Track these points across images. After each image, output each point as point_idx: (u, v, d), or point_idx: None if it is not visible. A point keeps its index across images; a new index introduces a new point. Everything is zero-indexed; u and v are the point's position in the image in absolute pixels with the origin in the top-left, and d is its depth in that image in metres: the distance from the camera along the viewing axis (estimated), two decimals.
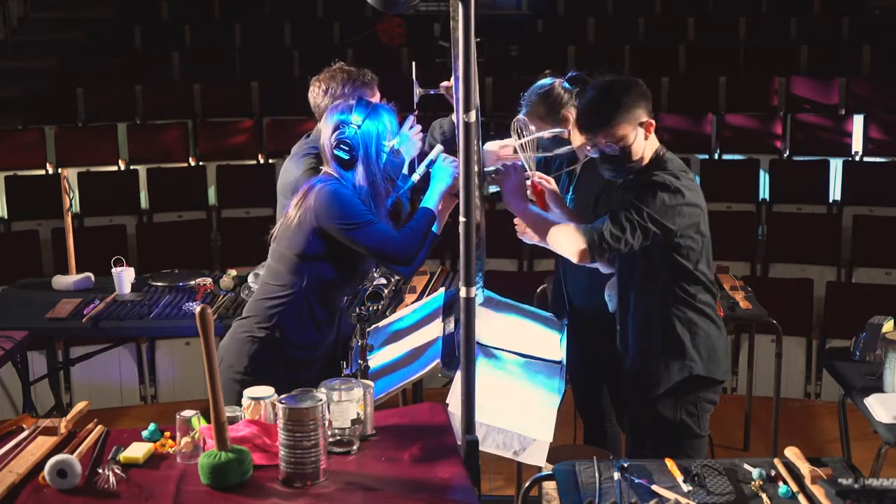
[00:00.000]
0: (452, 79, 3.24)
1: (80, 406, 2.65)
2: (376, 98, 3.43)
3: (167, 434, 2.46)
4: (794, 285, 5.62)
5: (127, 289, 4.19)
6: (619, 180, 3.00)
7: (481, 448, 2.47)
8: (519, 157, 3.49)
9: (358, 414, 2.39)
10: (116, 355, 5.34)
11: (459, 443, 2.44)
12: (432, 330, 3.03)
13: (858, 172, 6.95)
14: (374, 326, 3.34)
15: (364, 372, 2.76)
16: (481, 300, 3.34)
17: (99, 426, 2.54)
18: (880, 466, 3.23)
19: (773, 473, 2.46)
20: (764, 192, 6.97)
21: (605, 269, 3.13)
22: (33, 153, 7.35)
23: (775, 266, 6.14)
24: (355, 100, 3.00)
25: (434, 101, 3.80)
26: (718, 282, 4.36)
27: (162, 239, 6.35)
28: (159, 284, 4.29)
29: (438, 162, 3.04)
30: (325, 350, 3.08)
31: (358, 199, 2.90)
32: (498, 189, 3.18)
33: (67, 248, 4.41)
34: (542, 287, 4.38)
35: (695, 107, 7.73)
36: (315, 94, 3.47)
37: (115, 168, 7.41)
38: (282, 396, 2.28)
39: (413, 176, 3.06)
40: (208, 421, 2.29)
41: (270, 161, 7.32)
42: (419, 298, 3.85)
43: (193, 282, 4.25)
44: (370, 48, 8.97)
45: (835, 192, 6.92)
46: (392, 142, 2.95)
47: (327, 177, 2.96)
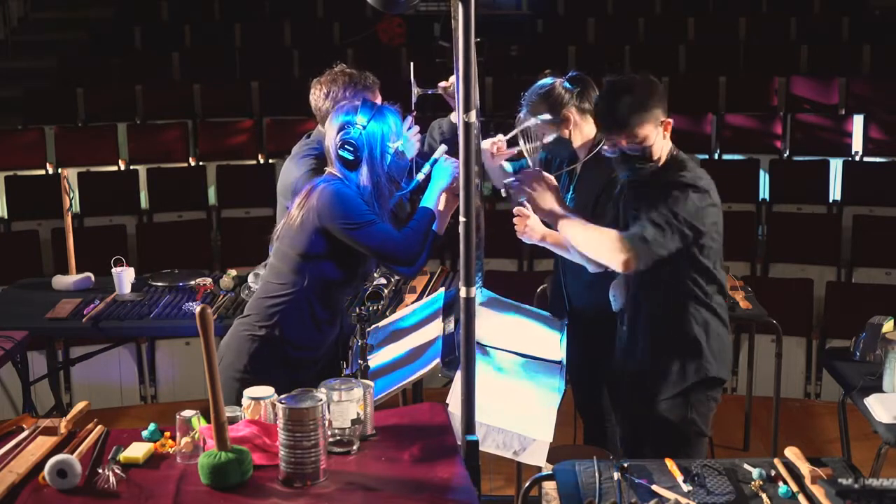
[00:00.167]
0: (451, 78, 3.25)
1: (80, 406, 2.65)
2: (378, 102, 3.43)
3: (167, 434, 2.46)
4: (794, 285, 5.62)
5: (127, 289, 4.19)
6: (628, 180, 2.96)
7: (481, 448, 2.47)
8: (508, 153, 3.50)
9: (358, 414, 2.39)
10: (116, 355, 5.33)
11: (459, 443, 2.44)
12: (432, 330, 3.03)
13: (858, 172, 6.95)
14: (374, 326, 3.34)
15: (364, 372, 2.76)
16: (482, 300, 3.34)
17: (99, 426, 2.54)
18: (880, 466, 3.23)
19: (773, 473, 2.46)
20: (764, 192, 6.97)
21: (594, 269, 3.08)
22: (33, 153, 7.35)
23: (775, 266, 6.14)
24: (360, 101, 3.00)
25: (433, 102, 3.80)
26: None
27: (162, 239, 6.34)
28: (159, 284, 4.29)
29: (440, 162, 3.04)
30: (326, 350, 3.09)
31: (361, 200, 2.90)
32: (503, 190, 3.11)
33: (67, 248, 4.41)
34: (542, 287, 4.37)
35: (695, 107, 7.72)
36: (316, 97, 3.47)
37: (115, 168, 7.41)
38: (282, 396, 2.28)
39: (417, 176, 3.06)
40: (208, 421, 2.29)
41: (270, 161, 7.32)
42: (419, 298, 3.85)
43: (193, 282, 4.25)
44: (370, 48, 8.97)
45: (835, 192, 6.92)
46: (396, 143, 2.95)
47: (331, 177, 2.96)
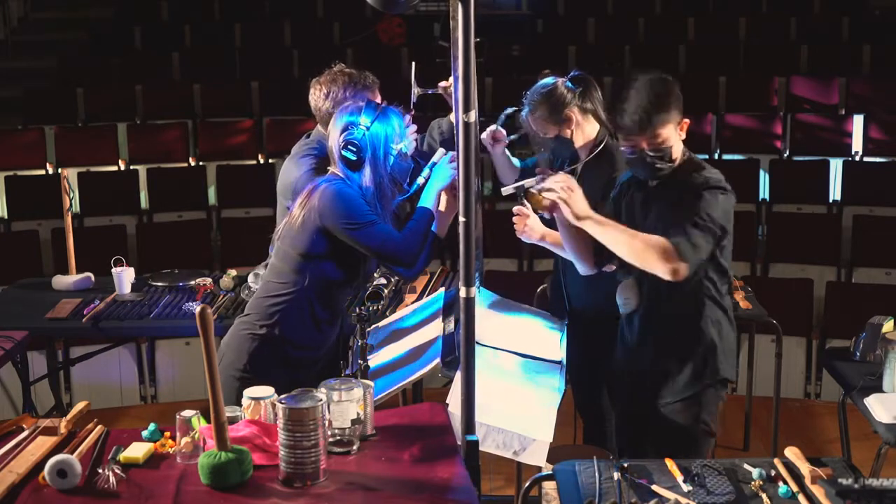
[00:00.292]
0: (451, 78, 3.24)
1: (80, 406, 2.65)
2: (378, 101, 3.43)
3: (167, 434, 2.46)
4: (794, 285, 5.62)
5: (127, 289, 4.19)
6: (640, 181, 2.94)
7: (481, 448, 2.47)
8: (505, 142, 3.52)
9: (358, 414, 2.39)
10: (116, 355, 5.33)
11: (459, 443, 2.44)
12: (432, 330, 3.03)
13: (858, 172, 6.95)
14: (374, 326, 3.34)
15: (364, 372, 2.76)
16: (487, 303, 3.33)
17: (99, 426, 2.54)
18: (880, 466, 3.23)
19: (773, 473, 2.46)
20: (764, 192, 6.97)
21: (586, 271, 3.02)
22: (33, 153, 7.35)
23: (775, 266, 6.14)
24: (365, 102, 3.00)
25: (433, 101, 3.80)
26: None
27: (162, 239, 6.34)
28: (159, 284, 4.29)
29: (441, 162, 3.03)
30: (326, 350, 3.09)
31: (362, 200, 2.90)
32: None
33: (67, 248, 4.41)
34: (542, 287, 4.37)
35: (695, 107, 7.70)
36: (316, 98, 3.46)
37: (115, 168, 7.41)
38: (282, 396, 2.28)
39: (418, 179, 3.05)
40: (208, 421, 2.29)
41: (270, 161, 7.32)
42: (419, 298, 3.85)
43: (193, 282, 4.25)
44: (370, 48, 8.97)
45: (835, 192, 6.92)
46: (400, 145, 2.95)
47: (333, 177, 2.96)
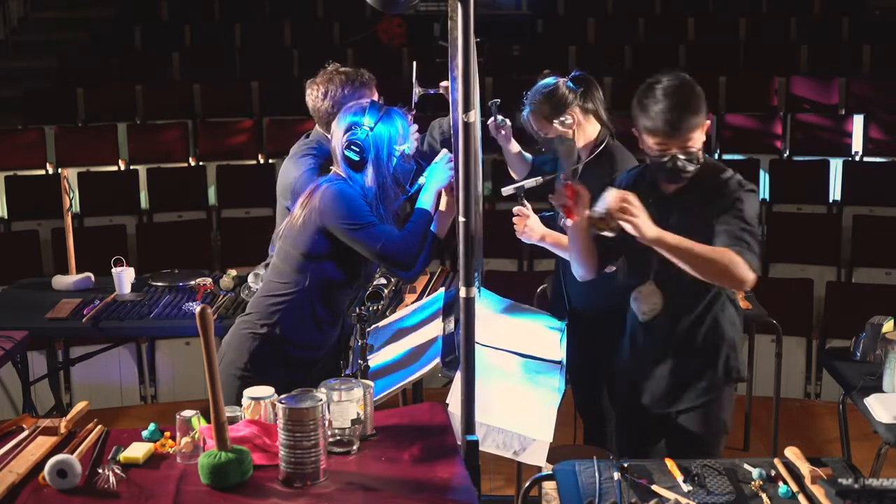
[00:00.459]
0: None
1: (80, 406, 2.65)
2: (375, 98, 3.43)
3: (167, 434, 2.46)
4: (794, 285, 5.62)
5: (127, 289, 4.19)
6: (659, 183, 2.86)
7: (481, 448, 2.47)
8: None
9: (358, 414, 2.39)
10: (116, 355, 5.33)
11: (459, 443, 2.44)
12: (432, 330, 3.03)
13: (858, 172, 6.95)
14: (375, 326, 3.34)
15: (364, 372, 2.76)
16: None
17: (99, 426, 2.54)
18: (880, 466, 3.23)
19: (773, 473, 2.46)
20: (764, 192, 6.96)
21: (583, 276, 2.96)
22: (33, 153, 7.35)
23: (775, 266, 6.14)
24: (368, 101, 2.99)
25: (433, 101, 3.80)
26: None
27: (162, 239, 6.34)
28: (159, 284, 4.28)
29: (439, 163, 3.02)
30: (327, 350, 3.09)
31: (363, 201, 2.90)
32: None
33: (67, 248, 4.41)
34: (542, 287, 4.37)
35: None
36: (314, 98, 3.46)
37: (115, 168, 7.41)
38: (282, 396, 2.28)
39: (420, 179, 3.05)
40: (208, 421, 2.29)
41: (270, 161, 7.32)
42: (419, 298, 3.85)
43: (193, 282, 4.25)
44: (370, 48, 8.97)
45: (835, 192, 6.92)
46: (403, 146, 2.94)
47: (335, 177, 2.96)
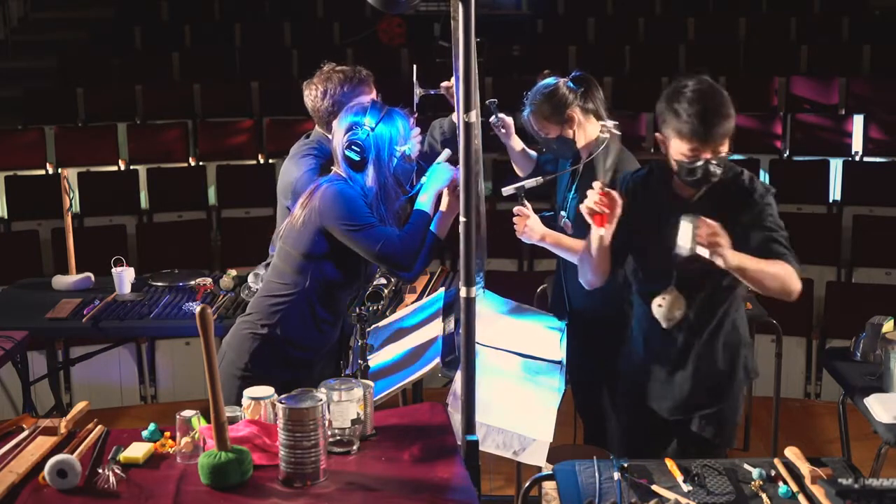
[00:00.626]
0: (453, 78, 3.24)
1: (80, 406, 2.65)
2: (373, 94, 3.43)
3: (167, 434, 2.46)
4: None
5: (127, 289, 4.19)
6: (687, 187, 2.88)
7: (481, 448, 2.47)
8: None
9: (358, 414, 2.39)
10: (116, 355, 5.33)
11: (459, 443, 2.44)
12: (432, 330, 3.03)
13: (858, 172, 6.95)
14: (374, 326, 3.34)
15: (364, 372, 2.76)
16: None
17: (99, 426, 2.54)
18: (880, 466, 3.23)
19: (773, 473, 2.46)
20: None
21: (596, 285, 2.91)
22: (33, 153, 7.35)
23: None
24: (369, 102, 2.99)
25: (433, 102, 3.80)
26: None
27: (162, 239, 6.34)
28: (159, 284, 4.29)
29: (440, 164, 3.01)
30: (327, 350, 3.09)
31: (363, 202, 2.89)
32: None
33: (67, 248, 4.41)
34: (542, 287, 4.38)
35: None
36: (313, 98, 3.46)
37: (115, 168, 7.41)
38: (282, 396, 2.28)
39: (422, 179, 3.04)
40: (208, 421, 2.29)
41: (270, 161, 7.32)
42: (419, 298, 3.85)
43: (193, 282, 4.25)
44: (370, 48, 8.98)
45: (835, 192, 6.92)
46: (404, 147, 2.94)
47: (336, 177, 2.96)
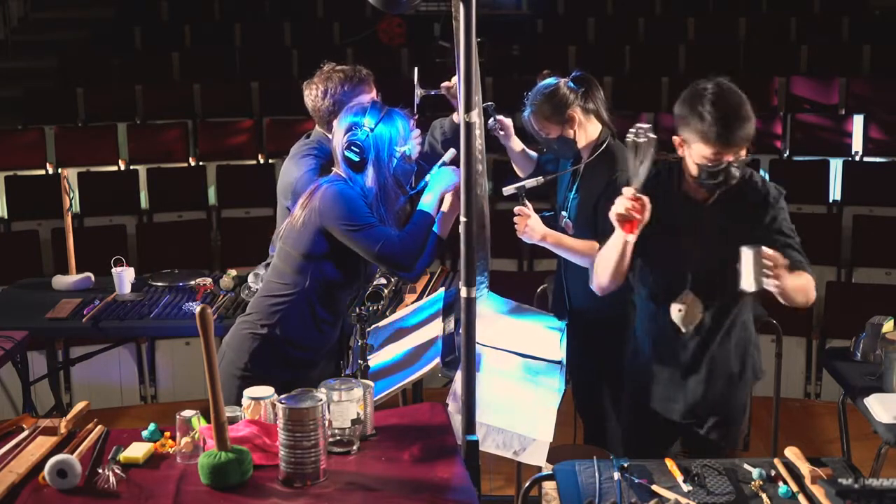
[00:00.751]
0: (454, 78, 3.24)
1: (80, 406, 2.65)
2: (373, 93, 3.43)
3: (167, 434, 2.46)
4: None
5: (127, 289, 4.19)
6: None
7: (481, 448, 2.47)
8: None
9: (358, 414, 2.39)
10: (116, 355, 5.34)
11: (459, 443, 2.44)
12: (432, 330, 3.03)
13: (858, 172, 6.95)
14: (375, 326, 3.34)
15: (364, 372, 2.76)
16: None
17: (99, 426, 2.54)
18: (880, 466, 3.23)
19: (773, 473, 2.47)
20: None
21: (607, 290, 2.85)
22: (33, 153, 7.35)
23: None
24: (369, 102, 2.99)
25: (433, 102, 3.80)
26: None
27: (162, 239, 6.34)
28: (159, 284, 4.28)
29: (445, 167, 3.01)
30: (327, 350, 3.09)
31: (363, 202, 2.89)
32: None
33: (67, 248, 4.41)
34: (542, 287, 4.37)
35: None
36: (314, 98, 3.46)
37: (115, 168, 7.41)
38: (282, 396, 2.28)
39: (425, 178, 3.04)
40: (208, 421, 2.29)
41: (270, 161, 7.32)
42: (419, 298, 3.85)
43: (193, 282, 4.25)
44: (370, 48, 8.97)
45: (835, 192, 6.92)
46: (404, 147, 2.94)
47: (336, 177, 2.96)
